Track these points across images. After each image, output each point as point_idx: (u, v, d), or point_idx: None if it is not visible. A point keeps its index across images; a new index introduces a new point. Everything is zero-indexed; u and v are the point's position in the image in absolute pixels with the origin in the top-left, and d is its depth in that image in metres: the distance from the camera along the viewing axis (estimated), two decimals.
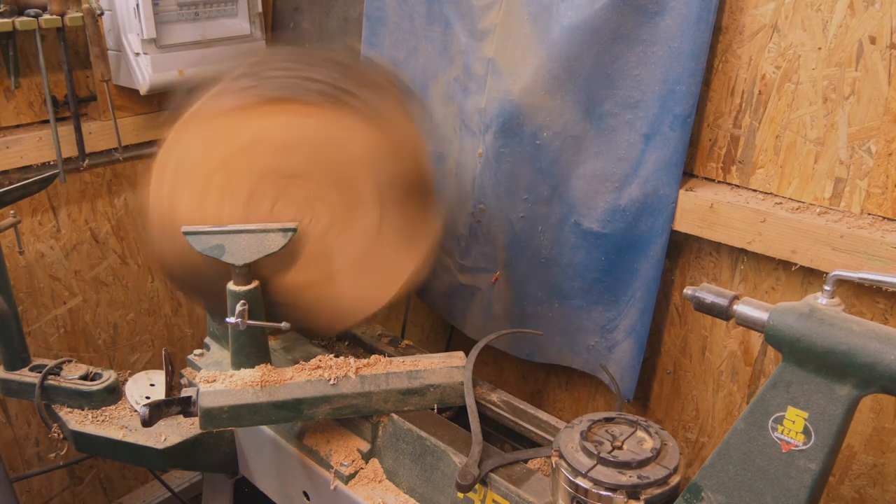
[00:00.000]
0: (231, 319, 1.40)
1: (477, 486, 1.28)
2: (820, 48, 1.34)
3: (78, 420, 1.68)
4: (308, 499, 1.58)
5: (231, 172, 1.43)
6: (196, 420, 1.42)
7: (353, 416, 1.48)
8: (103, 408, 1.71)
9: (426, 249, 1.52)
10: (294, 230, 1.43)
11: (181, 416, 1.44)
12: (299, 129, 1.41)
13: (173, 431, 1.64)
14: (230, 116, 1.41)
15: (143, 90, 2.03)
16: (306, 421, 1.53)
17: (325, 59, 1.46)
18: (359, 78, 1.46)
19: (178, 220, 1.43)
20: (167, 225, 1.45)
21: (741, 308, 1.01)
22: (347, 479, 1.46)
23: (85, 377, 1.74)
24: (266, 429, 1.62)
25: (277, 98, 1.40)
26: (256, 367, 1.47)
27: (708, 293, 1.04)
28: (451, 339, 2.13)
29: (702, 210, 1.50)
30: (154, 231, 1.49)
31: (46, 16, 1.91)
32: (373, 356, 1.51)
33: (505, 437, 1.51)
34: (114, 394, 1.74)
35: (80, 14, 1.96)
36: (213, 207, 1.44)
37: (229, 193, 1.44)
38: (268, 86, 1.40)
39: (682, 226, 1.54)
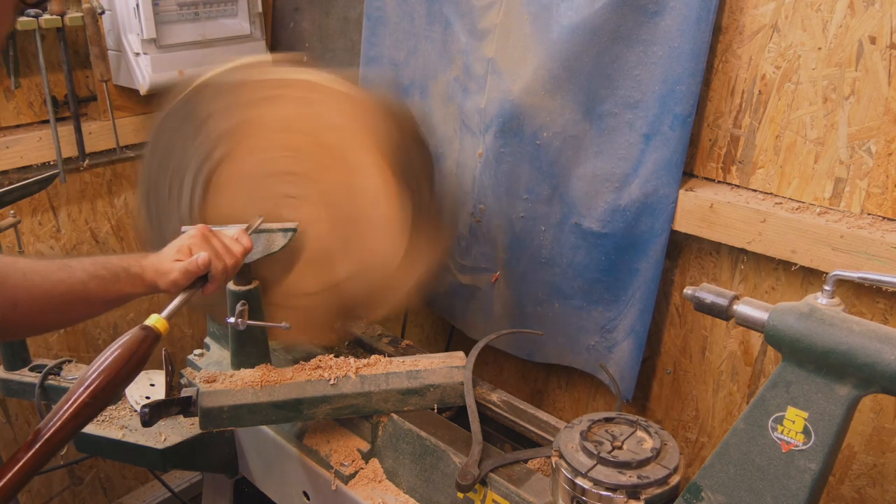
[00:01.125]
0: (231, 319, 1.40)
1: (477, 486, 1.28)
2: (820, 48, 1.34)
3: None
4: (308, 499, 1.58)
5: (314, 155, 1.45)
6: (196, 420, 1.42)
7: (353, 416, 1.48)
8: None
9: (301, 341, 1.57)
10: (294, 230, 1.43)
11: (181, 416, 1.44)
12: (374, 199, 1.46)
13: (173, 431, 1.64)
14: (367, 137, 1.43)
15: (143, 90, 2.03)
16: (306, 421, 1.53)
17: (433, 185, 1.52)
18: (433, 219, 1.53)
19: (251, 111, 1.44)
20: (233, 97, 1.44)
21: (741, 308, 1.01)
22: (347, 479, 1.46)
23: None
24: (266, 429, 1.62)
25: (394, 171, 1.44)
26: (256, 367, 1.48)
27: (708, 293, 1.04)
28: (451, 339, 2.13)
29: (702, 210, 1.50)
30: (212, 84, 1.47)
31: (46, 16, 1.91)
32: (373, 356, 1.51)
33: (505, 437, 1.51)
34: None
35: (80, 14, 1.96)
36: (274, 145, 1.44)
37: (292, 157, 1.45)
38: (400, 159, 1.44)
39: (681, 226, 1.54)
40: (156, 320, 1.12)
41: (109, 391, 1.01)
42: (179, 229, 1.40)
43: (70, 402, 0.98)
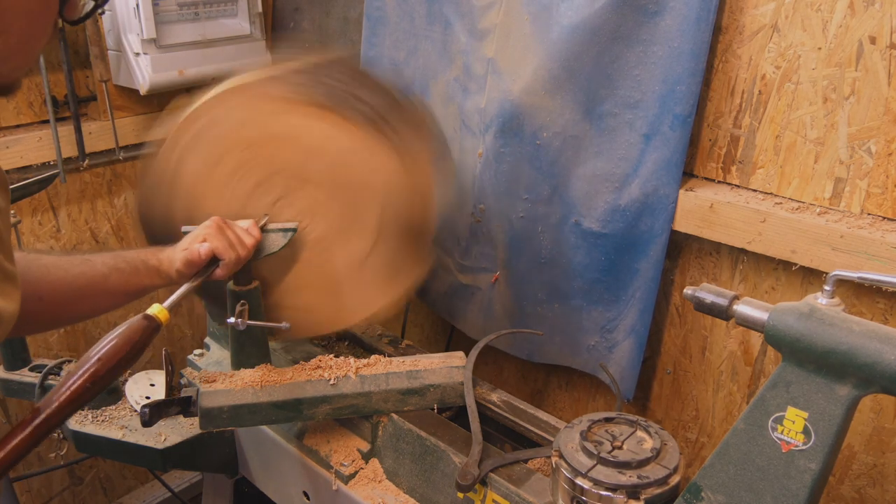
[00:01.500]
0: (231, 319, 1.40)
1: (477, 486, 1.28)
2: (820, 48, 1.34)
3: (78, 420, 1.68)
4: (308, 499, 1.58)
5: (252, 155, 1.44)
6: (196, 420, 1.42)
7: (353, 416, 1.48)
8: (103, 408, 1.71)
9: (403, 291, 1.55)
10: (294, 230, 1.43)
11: (181, 416, 1.44)
12: (332, 140, 1.43)
13: (173, 431, 1.64)
14: (275, 103, 1.42)
15: (142, 90, 2.03)
16: (306, 421, 1.53)
17: (378, 85, 1.48)
18: (402, 114, 1.48)
19: (180, 180, 1.44)
20: (166, 182, 1.46)
21: (741, 308, 1.01)
22: (347, 479, 1.46)
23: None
24: (266, 429, 1.62)
25: (324, 105, 1.41)
26: (256, 367, 1.48)
27: (708, 293, 1.04)
28: (451, 339, 2.13)
29: (702, 210, 1.50)
30: (148, 185, 1.49)
31: None
32: (373, 356, 1.51)
33: (505, 437, 1.51)
34: (114, 394, 1.74)
35: None
36: (220, 181, 1.45)
37: (241, 174, 1.45)
38: (320, 91, 1.42)
39: (682, 226, 1.54)
40: (157, 310, 1.12)
41: (108, 377, 1.02)
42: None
43: (69, 385, 0.99)
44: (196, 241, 1.31)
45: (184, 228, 1.39)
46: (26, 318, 1.08)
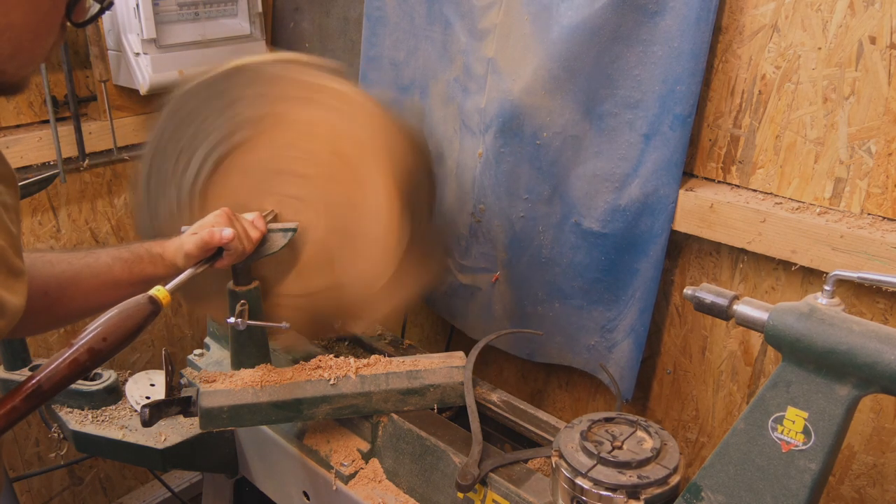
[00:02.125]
0: (231, 319, 1.40)
1: (477, 486, 1.28)
2: (820, 48, 1.34)
3: (78, 420, 1.68)
4: (308, 499, 1.58)
5: (326, 161, 1.45)
6: (196, 420, 1.42)
7: (353, 416, 1.48)
8: (103, 408, 1.71)
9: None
10: (294, 230, 1.43)
11: (181, 416, 1.44)
12: (375, 218, 1.45)
13: (173, 431, 1.64)
14: (383, 156, 1.44)
15: (143, 90, 2.03)
16: (306, 421, 1.53)
17: (432, 216, 1.54)
18: (423, 248, 1.53)
19: (278, 108, 1.43)
20: (268, 87, 1.44)
21: (741, 308, 1.01)
22: (347, 479, 1.46)
23: (85, 377, 1.74)
24: (266, 429, 1.62)
25: (401, 198, 1.44)
26: (256, 367, 1.48)
27: (708, 293, 1.04)
28: (451, 339, 2.13)
29: (702, 210, 1.50)
30: (250, 67, 1.48)
31: None
32: (373, 356, 1.51)
33: (505, 437, 1.51)
34: (114, 394, 1.74)
35: None
36: (292, 143, 1.45)
37: (303, 158, 1.45)
38: (408, 188, 1.44)
39: (682, 226, 1.54)
40: (159, 292, 1.12)
41: (106, 351, 1.02)
42: (173, 199, 1.41)
43: (66, 356, 1.00)
44: (205, 228, 1.31)
45: (183, 228, 1.39)
46: (33, 314, 1.08)
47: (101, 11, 1.05)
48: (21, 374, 1.75)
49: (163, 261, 1.32)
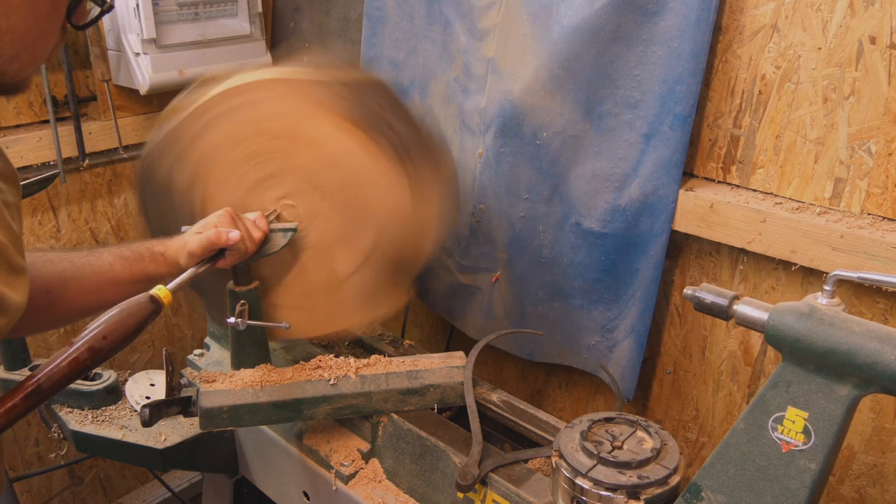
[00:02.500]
0: (231, 319, 1.40)
1: (477, 486, 1.28)
2: (820, 48, 1.34)
3: (78, 420, 1.68)
4: (308, 499, 1.58)
5: (275, 147, 1.44)
6: (196, 420, 1.42)
7: (353, 416, 1.48)
8: (103, 408, 1.71)
9: (373, 318, 1.57)
10: (294, 230, 1.43)
11: (181, 416, 1.44)
12: (355, 157, 1.43)
13: (173, 431, 1.64)
14: (314, 107, 1.43)
15: (143, 90, 2.03)
16: (306, 421, 1.53)
17: (409, 117, 1.49)
18: (425, 151, 1.49)
19: (197, 145, 1.44)
20: (184, 141, 1.44)
21: (741, 308, 1.01)
22: (347, 479, 1.46)
23: (85, 377, 1.74)
24: (266, 429, 1.62)
25: (359, 123, 1.42)
26: (256, 367, 1.48)
27: (708, 293, 1.04)
28: (451, 339, 2.13)
29: (702, 210, 1.50)
30: (163, 139, 1.48)
31: None
32: (373, 356, 1.51)
33: (505, 437, 1.51)
34: (114, 394, 1.74)
35: None
36: (235, 160, 1.45)
37: (257, 161, 1.45)
38: (358, 108, 1.42)
39: (682, 226, 1.54)
40: (160, 291, 1.12)
41: (107, 350, 1.02)
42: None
43: (66, 355, 1.00)
44: (209, 228, 1.31)
45: (183, 228, 1.39)
46: (34, 312, 1.08)
47: (102, 14, 1.05)
48: (21, 374, 1.75)
49: (164, 259, 1.31)
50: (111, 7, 1.06)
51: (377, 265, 1.50)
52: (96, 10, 1.05)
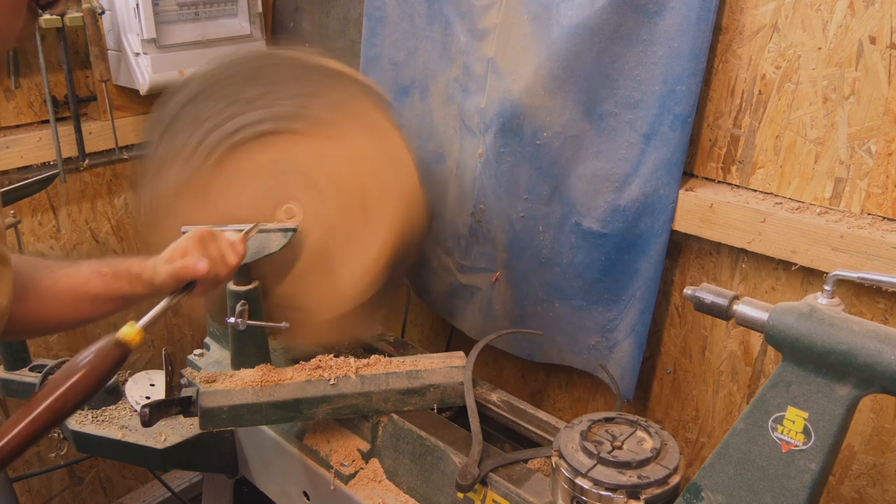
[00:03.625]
0: (231, 319, 1.40)
1: (477, 486, 1.28)
2: (820, 48, 1.34)
3: (78, 420, 1.68)
4: (308, 499, 1.58)
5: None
6: (196, 420, 1.42)
7: (353, 416, 1.48)
8: (103, 408, 1.71)
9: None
10: (294, 230, 1.43)
11: (181, 416, 1.44)
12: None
13: (173, 431, 1.64)
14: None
15: (142, 90, 2.03)
16: (306, 421, 1.53)
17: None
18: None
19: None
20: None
21: (741, 308, 1.01)
22: (347, 479, 1.46)
23: None
24: (266, 429, 1.62)
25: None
26: (256, 367, 1.48)
27: (708, 293, 1.04)
28: (451, 339, 2.13)
29: (702, 210, 1.50)
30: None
31: (46, 16, 1.91)
32: (373, 356, 1.51)
33: (505, 437, 1.51)
34: (114, 394, 1.74)
35: (80, 14, 1.96)
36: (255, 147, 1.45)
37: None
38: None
39: (682, 226, 1.54)
40: (129, 331, 1.05)
41: (70, 409, 0.98)
42: (174, 178, 1.40)
43: (29, 418, 0.94)
44: (178, 254, 1.23)
45: (183, 229, 1.39)
46: (12, 319, 1.07)
47: None
48: (21, 375, 1.76)
49: (140, 280, 1.23)
50: None
51: (384, 269, 1.50)
52: None
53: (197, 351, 1.84)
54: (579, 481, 1.13)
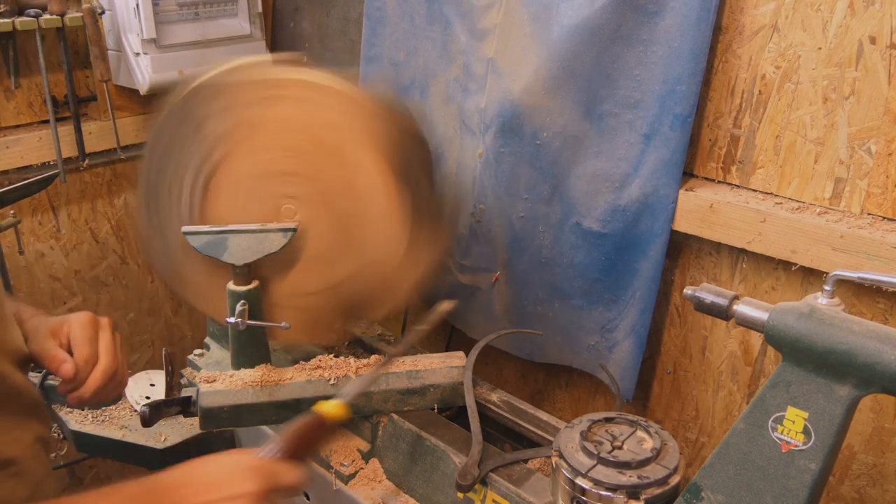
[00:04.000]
0: (231, 319, 1.40)
1: (477, 486, 1.28)
2: (820, 48, 1.35)
3: (78, 420, 1.68)
4: (308, 499, 1.58)
5: (313, 152, 1.44)
6: (196, 420, 1.42)
7: (352, 415, 1.48)
8: (103, 408, 1.71)
9: (304, 341, 1.57)
10: (294, 230, 1.43)
11: (181, 416, 1.44)
12: (373, 195, 1.45)
13: (173, 431, 1.64)
14: (366, 136, 1.44)
15: (142, 90, 2.03)
16: None
17: (434, 185, 1.51)
18: (434, 219, 1.52)
19: (248, 112, 1.43)
20: (231, 99, 1.43)
21: (741, 308, 1.01)
22: (347, 479, 1.46)
23: None
24: (266, 429, 1.61)
25: (393, 169, 1.44)
26: (256, 367, 1.47)
27: (708, 293, 1.04)
28: (451, 339, 2.13)
29: (702, 210, 1.50)
30: (209, 85, 1.46)
31: (46, 16, 1.91)
32: (373, 356, 1.51)
33: (505, 437, 1.51)
34: None
35: (80, 14, 1.96)
36: (273, 144, 1.44)
37: (289, 155, 1.45)
38: (399, 158, 1.44)
39: (682, 226, 1.54)
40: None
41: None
42: (180, 231, 1.41)
43: None
44: (63, 334, 1.14)
45: (184, 229, 1.39)
46: None
47: None
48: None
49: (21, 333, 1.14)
50: None
51: (335, 298, 1.50)
52: None
53: (197, 351, 1.83)
54: (579, 481, 1.13)
